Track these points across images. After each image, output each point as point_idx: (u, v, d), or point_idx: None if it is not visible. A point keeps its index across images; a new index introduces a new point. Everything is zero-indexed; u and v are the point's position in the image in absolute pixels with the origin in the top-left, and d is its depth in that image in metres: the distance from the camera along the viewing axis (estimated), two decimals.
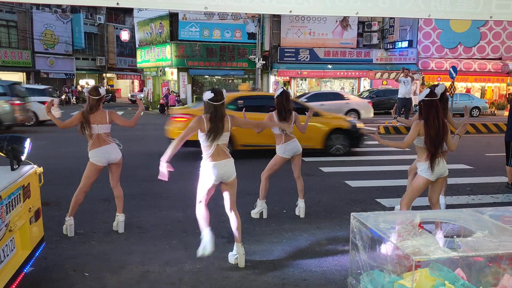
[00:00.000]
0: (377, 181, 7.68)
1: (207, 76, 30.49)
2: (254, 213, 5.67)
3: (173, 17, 28.73)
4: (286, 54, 29.03)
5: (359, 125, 10.61)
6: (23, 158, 3.59)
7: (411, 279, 1.78)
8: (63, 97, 33.38)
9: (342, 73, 29.76)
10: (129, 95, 41.02)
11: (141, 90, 37.97)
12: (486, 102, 26.95)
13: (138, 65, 34.81)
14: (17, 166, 3.54)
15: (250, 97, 10.37)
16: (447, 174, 4.44)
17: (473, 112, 24.40)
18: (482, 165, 9.15)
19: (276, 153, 5.61)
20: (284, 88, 5.77)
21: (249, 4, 2.96)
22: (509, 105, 7.51)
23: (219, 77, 30.56)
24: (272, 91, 27.64)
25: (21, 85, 17.31)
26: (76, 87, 37.81)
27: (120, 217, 5.06)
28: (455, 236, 2.10)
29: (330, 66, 29.06)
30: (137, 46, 34.08)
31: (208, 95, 3.96)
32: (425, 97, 4.19)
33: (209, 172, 4.02)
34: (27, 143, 3.62)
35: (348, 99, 19.37)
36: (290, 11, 3.03)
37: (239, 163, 9.99)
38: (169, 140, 3.81)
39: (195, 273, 3.98)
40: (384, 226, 2.01)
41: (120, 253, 4.45)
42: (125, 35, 41.86)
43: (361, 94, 27.34)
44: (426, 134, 4.16)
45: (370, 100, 20.66)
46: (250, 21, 28.54)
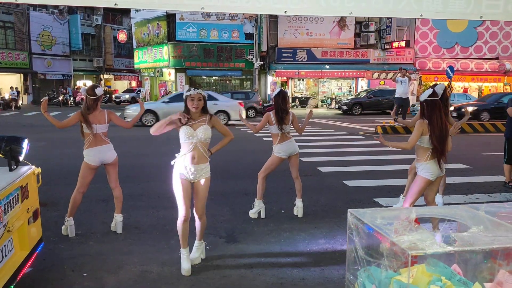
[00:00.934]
0: (375, 181, 7.70)
1: (205, 77, 30.52)
2: (252, 213, 5.68)
3: (171, 18, 28.76)
4: (284, 55, 29.08)
5: None
6: (21, 159, 3.59)
7: (409, 274, 1.80)
8: (61, 98, 33.33)
9: (340, 73, 29.84)
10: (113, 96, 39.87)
11: (136, 90, 37.66)
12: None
13: (136, 66, 34.84)
14: (15, 167, 3.54)
15: None
16: (445, 173, 4.47)
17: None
18: (479, 165, 9.19)
19: (273, 153, 5.62)
20: (282, 88, 5.77)
21: (245, 5, 2.98)
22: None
23: (217, 78, 30.60)
24: (270, 92, 27.72)
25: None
26: (75, 88, 37.76)
27: (118, 218, 5.06)
28: (451, 232, 2.12)
29: (328, 67, 29.13)
30: (135, 47, 34.10)
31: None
32: (428, 97, 4.21)
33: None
34: (25, 144, 3.62)
35: (217, 100, 18.37)
36: (285, 11, 3.05)
37: (238, 164, 9.97)
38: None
39: (194, 273, 3.98)
40: (381, 222, 2.04)
41: (118, 253, 4.46)
42: (123, 36, 41.83)
43: (359, 94, 27.42)
44: (431, 134, 4.17)
45: (241, 102, 19.50)
46: (248, 22, 28.61)
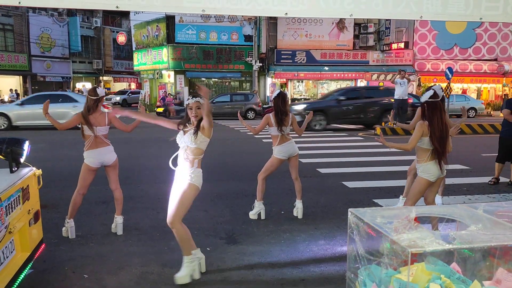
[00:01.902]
0: (374, 182, 7.71)
1: (204, 79, 30.54)
2: (252, 214, 5.70)
3: (170, 20, 28.79)
4: (283, 56, 29.12)
5: None
6: (22, 161, 3.61)
7: (408, 272, 1.82)
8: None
9: (339, 75, 29.88)
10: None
11: (127, 93, 36.91)
12: (482, 103, 27.11)
13: (135, 68, 34.85)
14: (16, 169, 3.55)
15: None
16: (445, 174, 4.48)
17: (469, 113, 24.53)
18: (479, 165, 9.21)
19: (272, 154, 5.64)
20: (281, 90, 5.79)
21: (246, 7, 3.00)
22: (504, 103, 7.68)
23: (216, 80, 30.63)
24: (269, 93, 27.75)
25: None
26: (74, 90, 37.75)
27: (119, 219, 5.07)
28: (450, 230, 2.15)
29: (327, 68, 29.18)
30: (134, 49, 34.12)
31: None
32: (429, 99, 4.23)
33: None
34: (26, 146, 3.63)
35: (77, 102, 17.23)
36: (286, 13, 3.07)
37: (238, 165, 9.97)
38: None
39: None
40: (381, 221, 2.06)
41: (119, 255, 4.47)
42: (122, 38, 41.87)
43: None
44: (431, 135, 4.18)
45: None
46: (247, 24, 28.66)
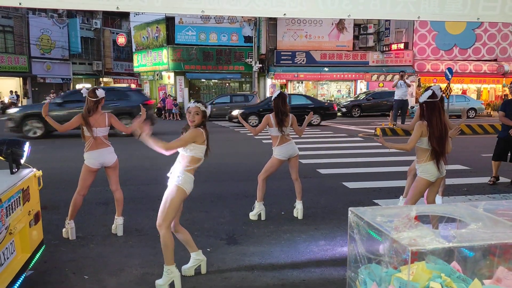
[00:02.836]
0: (374, 182, 7.72)
1: (204, 80, 30.56)
2: (252, 215, 5.70)
3: (170, 21, 28.80)
4: (283, 57, 29.14)
5: None
6: (22, 162, 3.61)
7: (408, 271, 1.82)
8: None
9: (339, 76, 29.90)
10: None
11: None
12: (482, 104, 27.10)
13: (135, 69, 34.85)
14: (16, 170, 3.56)
15: None
16: (445, 174, 4.48)
17: (469, 114, 24.52)
18: (479, 166, 9.21)
19: (272, 155, 5.64)
20: (282, 91, 5.79)
21: (245, 8, 3.00)
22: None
23: (216, 81, 30.64)
24: (269, 94, 27.75)
25: None
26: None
27: (119, 220, 5.07)
28: (450, 229, 2.15)
29: (327, 69, 29.19)
30: (134, 51, 34.12)
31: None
32: (428, 99, 4.23)
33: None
34: (26, 147, 3.64)
35: None
36: (284, 14, 3.08)
37: (238, 166, 9.95)
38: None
39: (194, 275, 3.99)
40: (381, 220, 2.07)
41: (119, 256, 4.47)
42: (122, 40, 41.87)
43: (358, 96, 27.48)
44: (430, 135, 4.18)
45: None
46: (247, 25, 28.68)
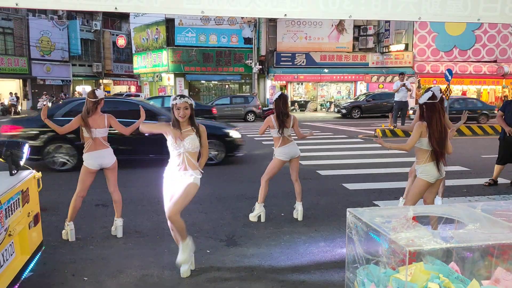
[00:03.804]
0: (374, 184, 7.71)
1: (204, 81, 30.57)
2: (252, 216, 5.69)
3: (169, 23, 28.83)
4: (283, 59, 29.15)
5: None
6: (22, 163, 3.61)
7: (406, 272, 1.82)
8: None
9: (339, 77, 29.91)
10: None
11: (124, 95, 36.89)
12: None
13: (135, 71, 34.89)
14: (16, 171, 3.56)
15: None
16: (444, 176, 4.48)
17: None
18: (478, 167, 9.20)
19: (274, 156, 5.63)
20: (282, 92, 5.80)
21: (245, 8, 3.00)
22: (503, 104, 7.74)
23: (216, 82, 30.66)
24: (269, 96, 27.76)
25: None
26: (74, 93, 37.78)
27: (119, 222, 5.06)
28: (448, 229, 2.15)
29: (327, 70, 29.20)
30: (134, 52, 34.16)
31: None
32: (428, 100, 4.23)
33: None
34: (26, 148, 3.64)
35: None
36: (285, 15, 3.07)
37: (237, 167, 9.95)
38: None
39: (194, 277, 3.99)
40: (379, 221, 2.07)
41: (119, 258, 4.46)
42: (122, 41, 41.89)
43: (358, 98, 27.47)
44: (430, 136, 4.18)
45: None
46: (246, 26, 28.70)
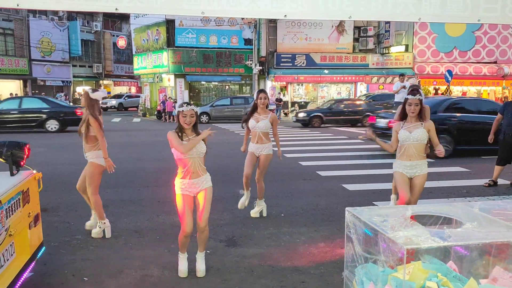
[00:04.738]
0: (374, 184, 7.72)
1: (204, 82, 30.57)
2: (254, 212, 5.73)
3: (170, 24, 28.82)
4: (283, 60, 29.14)
5: None
6: (23, 164, 3.62)
7: (404, 270, 1.83)
8: None
9: (339, 78, 29.88)
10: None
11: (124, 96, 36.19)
12: None
13: (135, 72, 34.88)
14: (17, 172, 3.56)
15: None
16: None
17: None
18: (478, 168, 9.21)
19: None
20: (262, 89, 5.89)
21: (245, 9, 3.00)
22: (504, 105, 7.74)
23: (216, 83, 30.65)
24: (270, 97, 27.75)
25: None
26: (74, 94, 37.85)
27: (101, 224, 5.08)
28: (445, 228, 2.16)
29: (327, 71, 29.18)
30: (134, 53, 34.15)
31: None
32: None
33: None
34: (26, 149, 3.64)
35: None
36: (285, 15, 3.08)
37: (238, 168, 9.96)
38: (169, 147, 3.91)
39: (194, 277, 3.99)
40: (378, 219, 2.08)
41: (119, 258, 4.46)
42: (122, 42, 41.95)
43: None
44: None
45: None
46: (247, 27, 28.69)
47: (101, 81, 44.15)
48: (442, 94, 26.56)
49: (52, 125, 17.83)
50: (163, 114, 26.63)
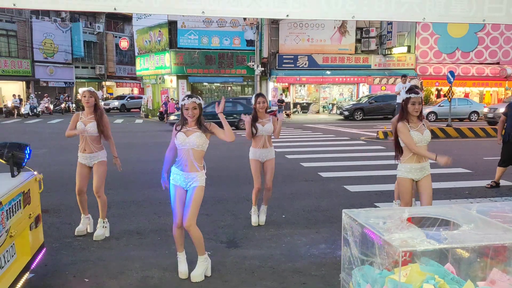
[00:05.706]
0: (376, 186, 7.70)
1: (206, 84, 30.58)
2: (261, 222, 5.63)
3: (172, 25, 28.86)
4: (285, 61, 29.14)
5: None
6: (24, 165, 3.62)
7: (401, 273, 1.82)
8: (63, 106, 33.55)
9: (341, 79, 29.87)
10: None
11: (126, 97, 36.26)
12: (485, 107, 26.99)
13: (138, 73, 34.93)
14: (17, 173, 3.57)
15: None
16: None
17: (472, 117, 24.46)
18: (481, 169, 9.17)
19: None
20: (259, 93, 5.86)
21: (246, 9, 2.98)
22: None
23: (218, 84, 30.66)
24: (271, 98, 27.74)
25: None
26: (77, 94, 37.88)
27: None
28: (442, 230, 2.15)
29: (329, 72, 29.17)
30: (136, 54, 34.20)
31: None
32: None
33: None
34: (27, 150, 3.65)
35: None
36: (287, 15, 3.05)
37: (238, 169, 9.94)
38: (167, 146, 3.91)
39: None
40: (374, 222, 2.06)
41: (120, 259, 4.46)
42: (124, 43, 42.01)
43: (360, 100, 27.46)
44: None
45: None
46: (249, 28, 28.70)
47: (104, 82, 44.22)
48: (444, 96, 26.52)
49: None
50: (165, 115, 26.64)
